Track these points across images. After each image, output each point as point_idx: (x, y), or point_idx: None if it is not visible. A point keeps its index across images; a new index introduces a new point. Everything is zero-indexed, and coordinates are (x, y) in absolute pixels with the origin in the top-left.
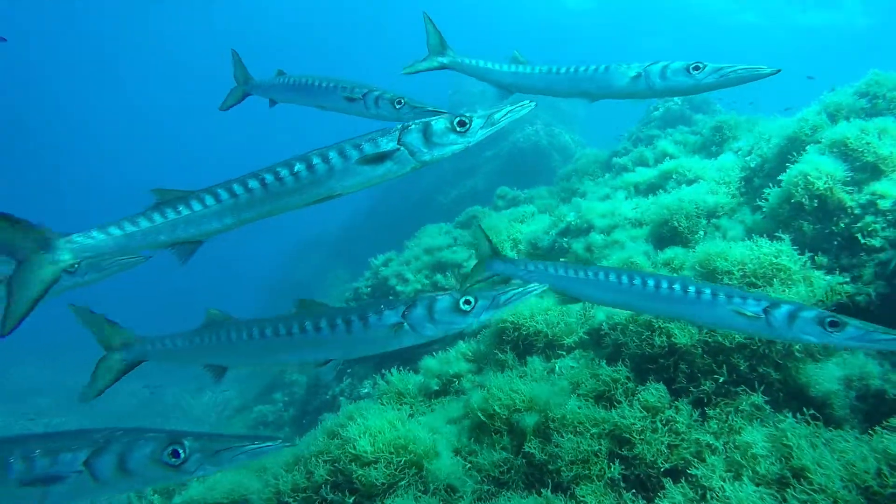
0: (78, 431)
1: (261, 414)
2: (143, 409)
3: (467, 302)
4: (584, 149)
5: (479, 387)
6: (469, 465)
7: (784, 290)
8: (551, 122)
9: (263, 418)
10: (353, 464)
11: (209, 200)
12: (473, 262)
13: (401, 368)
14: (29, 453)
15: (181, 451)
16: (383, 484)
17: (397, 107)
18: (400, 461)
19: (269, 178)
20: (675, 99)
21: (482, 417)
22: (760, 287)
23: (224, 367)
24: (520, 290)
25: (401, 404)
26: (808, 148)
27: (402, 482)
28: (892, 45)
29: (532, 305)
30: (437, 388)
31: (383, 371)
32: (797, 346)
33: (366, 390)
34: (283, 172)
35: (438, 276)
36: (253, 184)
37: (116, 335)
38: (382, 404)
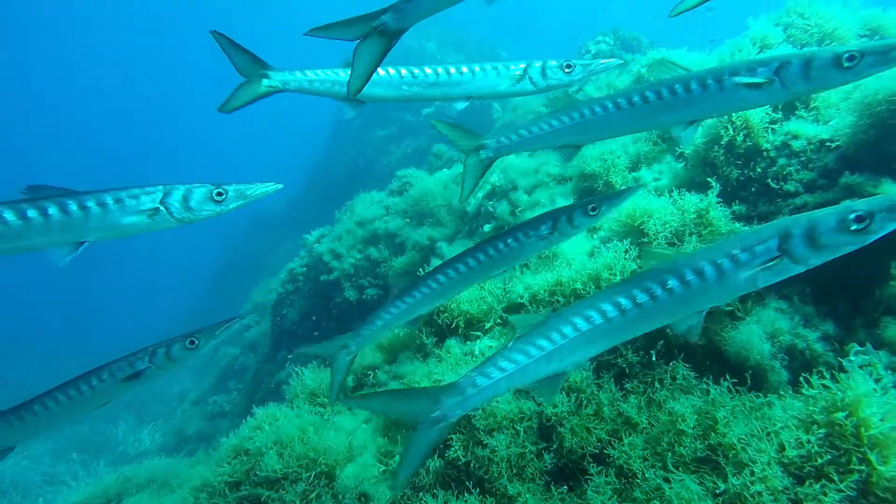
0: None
1: (217, 405)
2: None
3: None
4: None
5: (396, 378)
6: (384, 468)
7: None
8: None
9: (220, 409)
10: (259, 488)
11: None
12: (407, 230)
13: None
14: (698, 266)
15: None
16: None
17: (567, 70)
18: (310, 476)
19: None
20: (607, 38)
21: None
22: (682, 244)
23: (578, 146)
24: None
25: (315, 405)
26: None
27: (313, 494)
28: None
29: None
30: (352, 383)
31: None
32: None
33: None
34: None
35: (372, 250)
36: None
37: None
38: (295, 407)
